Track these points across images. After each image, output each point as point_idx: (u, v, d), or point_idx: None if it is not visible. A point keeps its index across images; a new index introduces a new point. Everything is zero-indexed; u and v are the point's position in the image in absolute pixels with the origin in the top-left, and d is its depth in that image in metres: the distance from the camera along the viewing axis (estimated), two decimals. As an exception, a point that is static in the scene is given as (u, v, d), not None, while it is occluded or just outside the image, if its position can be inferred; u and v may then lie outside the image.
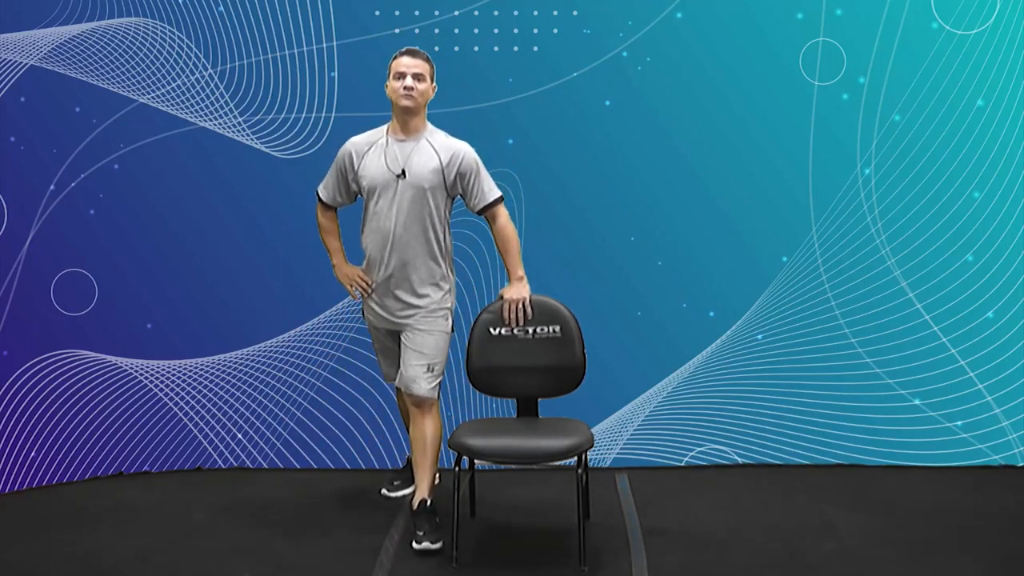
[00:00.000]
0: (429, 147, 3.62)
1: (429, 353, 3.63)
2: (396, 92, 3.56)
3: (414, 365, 3.62)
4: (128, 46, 4.32)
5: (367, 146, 3.66)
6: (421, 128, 3.64)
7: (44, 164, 4.28)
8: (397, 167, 3.59)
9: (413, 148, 3.61)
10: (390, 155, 3.60)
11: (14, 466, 4.25)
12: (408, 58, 3.58)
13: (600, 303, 4.38)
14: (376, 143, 3.65)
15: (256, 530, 3.78)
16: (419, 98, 3.57)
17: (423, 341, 3.64)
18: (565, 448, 3.42)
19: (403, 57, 3.59)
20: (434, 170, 3.59)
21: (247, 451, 4.48)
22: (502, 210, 3.69)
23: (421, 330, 3.64)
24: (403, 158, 3.60)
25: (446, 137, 3.66)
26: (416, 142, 3.62)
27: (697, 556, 3.50)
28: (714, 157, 4.39)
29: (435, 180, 3.60)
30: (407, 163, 3.59)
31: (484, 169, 3.67)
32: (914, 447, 4.41)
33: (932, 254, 4.37)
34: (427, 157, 3.60)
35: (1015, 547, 3.56)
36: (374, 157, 3.63)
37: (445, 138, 3.66)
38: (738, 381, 4.46)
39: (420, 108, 3.61)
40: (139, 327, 4.42)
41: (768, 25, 4.35)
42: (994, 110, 4.33)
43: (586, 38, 4.37)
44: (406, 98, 3.54)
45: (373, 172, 3.62)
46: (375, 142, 3.66)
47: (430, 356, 3.63)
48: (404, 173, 3.58)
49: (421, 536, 3.54)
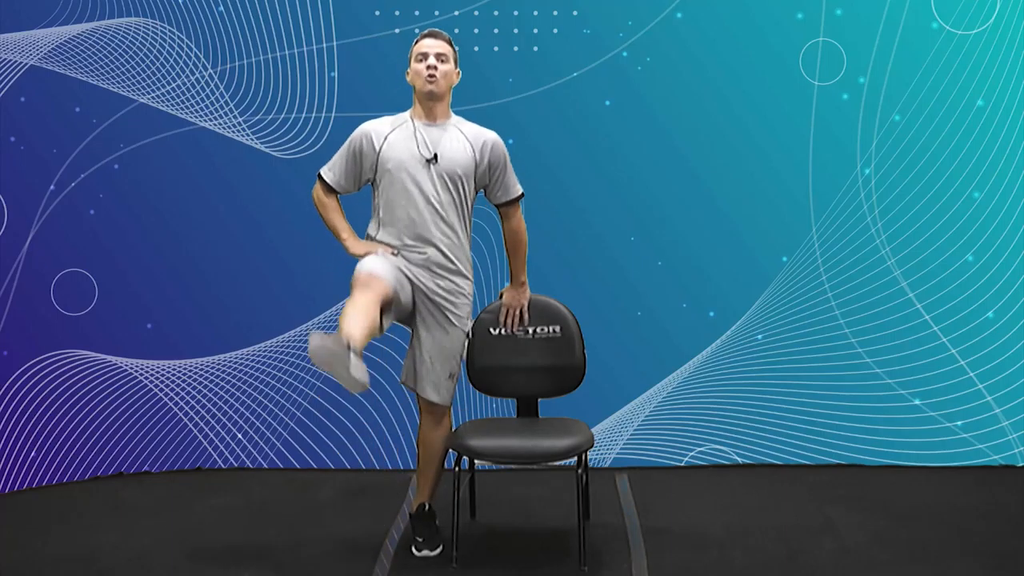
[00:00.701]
0: (460, 134, 3.48)
1: (454, 358, 3.52)
2: (419, 76, 3.39)
3: (438, 370, 3.49)
4: (128, 46, 4.32)
5: (390, 128, 3.46)
6: (447, 115, 3.50)
7: (44, 164, 4.28)
8: (428, 152, 3.42)
9: (442, 134, 3.45)
10: (419, 139, 3.43)
11: (14, 466, 4.25)
12: (430, 39, 3.43)
13: (600, 303, 4.38)
14: (401, 126, 3.46)
15: (256, 530, 3.78)
16: (442, 80, 3.40)
17: (451, 344, 3.50)
18: (565, 448, 3.41)
19: (425, 39, 3.44)
20: (467, 157, 3.45)
21: (247, 451, 4.48)
22: (519, 210, 3.60)
23: (448, 328, 3.49)
24: (433, 143, 3.43)
25: (475, 126, 3.53)
26: (444, 128, 3.46)
27: (697, 556, 3.50)
28: (714, 157, 4.40)
29: (468, 168, 3.46)
30: (439, 148, 3.43)
31: (510, 162, 3.56)
32: (914, 447, 4.41)
33: (932, 254, 4.37)
34: (459, 144, 3.46)
35: (1015, 547, 3.56)
36: (400, 140, 3.43)
37: (474, 127, 3.52)
38: (738, 381, 4.46)
39: (444, 93, 3.44)
40: (139, 327, 4.42)
41: (768, 25, 4.35)
42: (994, 110, 4.33)
43: (586, 38, 4.37)
44: (429, 82, 3.37)
45: (400, 155, 3.41)
46: (399, 125, 3.47)
47: (455, 362, 3.52)
48: (436, 158, 3.42)
49: (420, 543, 3.52)
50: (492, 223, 4.14)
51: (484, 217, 4.10)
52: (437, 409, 3.54)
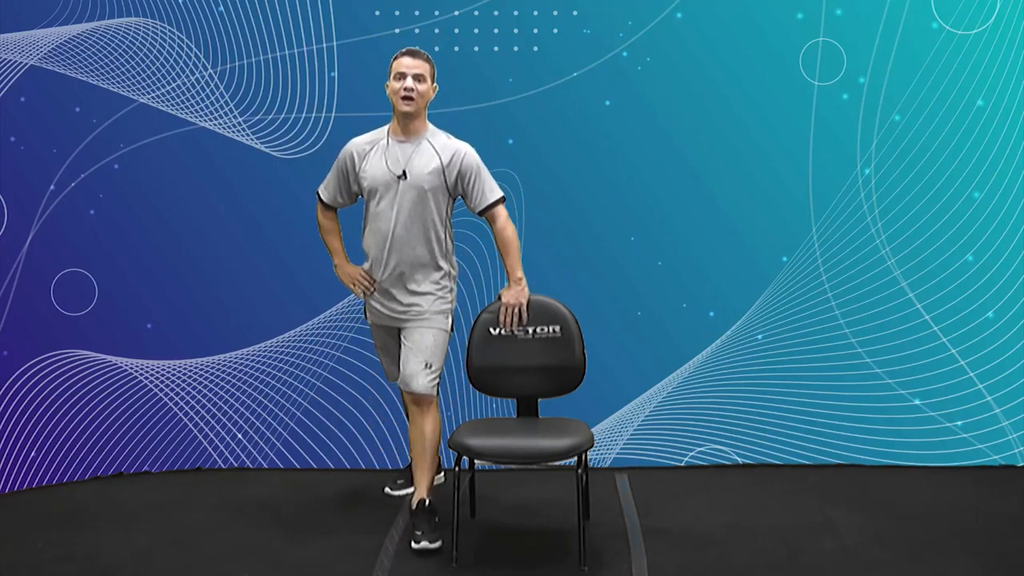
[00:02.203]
0: (430, 148, 3.62)
1: (427, 350, 3.64)
2: (396, 95, 3.57)
3: (413, 362, 3.63)
4: (128, 46, 4.32)
5: (369, 147, 3.67)
6: (422, 129, 3.64)
7: (44, 164, 4.28)
8: (398, 168, 3.60)
9: (414, 149, 3.62)
10: (391, 156, 3.61)
11: (14, 466, 4.25)
12: (409, 59, 3.58)
13: (600, 303, 4.38)
14: (377, 144, 3.66)
15: (256, 530, 3.78)
16: (419, 100, 3.58)
17: (421, 339, 3.65)
18: (565, 448, 3.42)
19: (404, 58, 3.59)
20: (435, 171, 3.60)
21: (247, 451, 4.48)
22: (502, 211, 3.69)
23: (420, 328, 3.65)
24: (404, 159, 3.60)
25: (447, 138, 3.67)
26: (417, 143, 3.63)
27: (697, 556, 3.50)
28: (714, 157, 4.39)
29: (436, 181, 3.61)
30: (408, 164, 3.60)
31: (485, 170, 3.67)
32: (914, 447, 4.41)
33: (932, 254, 4.37)
34: (428, 158, 3.61)
35: (1015, 547, 3.56)
36: (375, 158, 3.64)
37: (446, 139, 3.66)
38: (738, 381, 4.46)
39: (420, 111, 3.61)
40: (139, 327, 4.42)
41: (768, 25, 4.35)
42: (994, 110, 4.33)
43: (586, 38, 4.37)
44: (405, 103, 3.56)
45: (374, 173, 3.63)
46: (376, 143, 3.66)
47: (428, 353, 3.64)
48: (405, 174, 3.59)
49: (420, 536, 3.54)
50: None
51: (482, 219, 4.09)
52: (422, 400, 3.64)
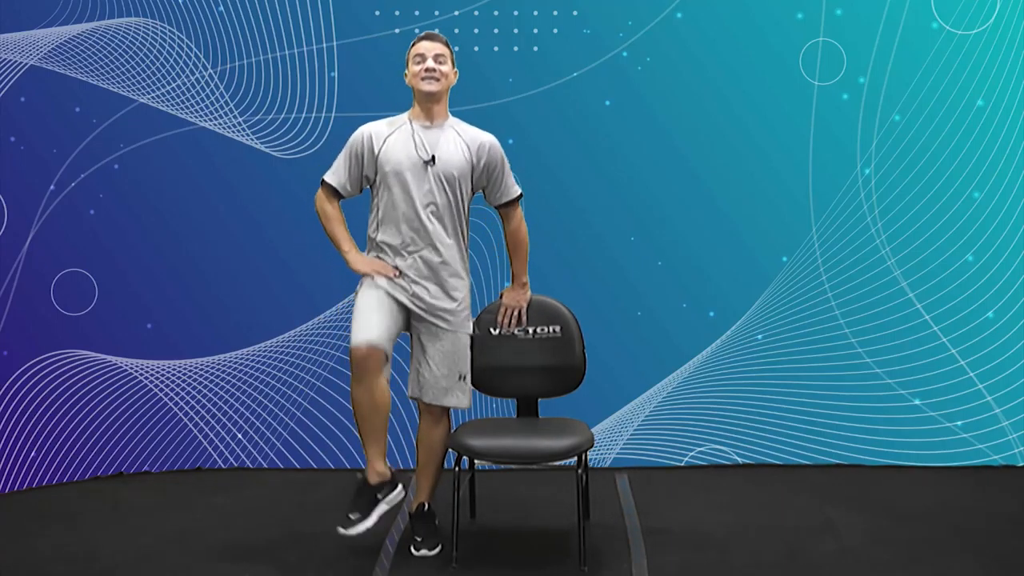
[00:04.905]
0: (456, 136, 3.49)
1: (461, 361, 3.51)
2: (417, 77, 3.41)
3: (447, 375, 3.48)
4: (128, 46, 4.32)
5: (389, 130, 3.47)
6: (445, 116, 3.51)
7: (44, 164, 4.29)
8: (426, 153, 3.44)
9: (440, 136, 3.46)
10: (417, 141, 3.45)
11: (14, 466, 4.25)
12: (428, 42, 3.45)
13: (600, 303, 4.38)
14: (399, 127, 3.47)
15: (256, 530, 3.78)
16: (442, 80, 3.42)
17: (454, 348, 3.49)
18: (565, 448, 3.41)
19: (423, 42, 3.45)
20: (463, 159, 3.46)
21: (247, 451, 4.48)
22: (519, 210, 3.60)
23: (452, 333, 3.50)
24: (431, 144, 3.44)
25: (472, 128, 3.54)
26: (441, 130, 3.47)
27: (697, 556, 3.50)
28: (714, 157, 4.40)
29: (464, 169, 3.47)
30: (436, 149, 3.44)
31: (508, 164, 3.57)
32: (914, 447, 4.41)
33: (932, 254, 4.37)
34: (455, 146, 3.47)
35: (1015, 547, 3.56)
36: (398, 141, 3.44)
37: (471, 129, 3.53)
38: (738, 381, 4.46)
39: (443, 93, 3.45)
40: (139, 327, 4.42)
41: (768, 25, 4.35)
42: (994, 110, 4.33)
43: (586, 38, 4.37)
44: (428, 81, 3.39)
45: (398, 157, 3.42)
46: (398, 126, 3.47)
47: (462, 364, 3.52)
48: (434, 159, 3.42)
49: (419, 542, 3.53)
50: (492, 223, 4.14)
51: (484, 217, 4.10)
52: (436, 409, 3.54)
